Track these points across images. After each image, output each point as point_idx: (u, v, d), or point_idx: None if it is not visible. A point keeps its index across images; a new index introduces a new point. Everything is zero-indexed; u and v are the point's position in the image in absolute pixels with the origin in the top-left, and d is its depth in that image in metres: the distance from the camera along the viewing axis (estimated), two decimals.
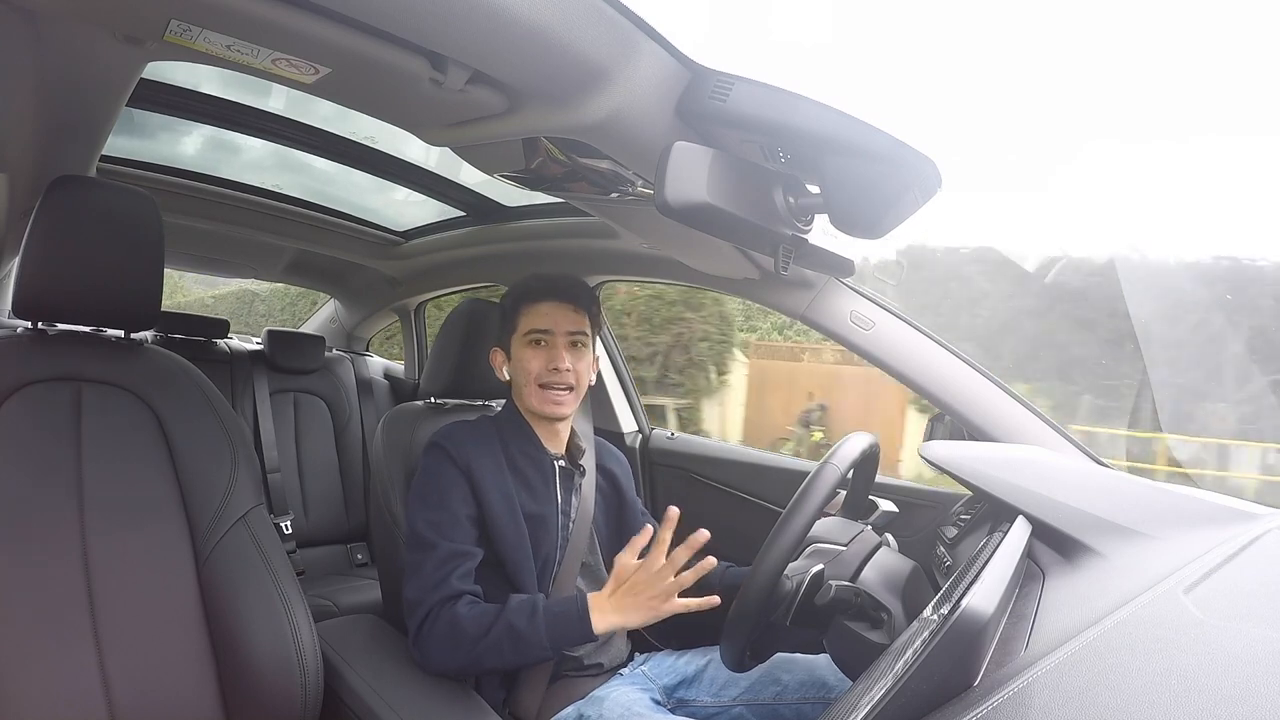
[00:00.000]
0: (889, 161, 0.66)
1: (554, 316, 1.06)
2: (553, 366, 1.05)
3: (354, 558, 2.10)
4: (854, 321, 1.18)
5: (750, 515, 1.50)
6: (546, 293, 1.08)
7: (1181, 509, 0.82)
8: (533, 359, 1.06)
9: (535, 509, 1.04)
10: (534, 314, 1.07)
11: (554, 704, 0.99)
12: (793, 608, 0.81)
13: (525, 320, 1.08)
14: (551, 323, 1.06)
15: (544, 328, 1.06)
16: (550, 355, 1.06)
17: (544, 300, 1.07)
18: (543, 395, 1.06)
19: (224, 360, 2.06)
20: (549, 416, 1.07)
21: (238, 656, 0.88)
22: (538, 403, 1.06)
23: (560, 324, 1.06)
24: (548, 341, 1.06)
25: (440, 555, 0.95)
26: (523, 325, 1.08)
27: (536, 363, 1.06)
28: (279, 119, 1.35)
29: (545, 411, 1.06)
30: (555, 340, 1.06)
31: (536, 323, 1.07)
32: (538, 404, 1.06)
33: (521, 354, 1.07)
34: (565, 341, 1.06)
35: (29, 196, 1.10)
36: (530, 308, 1.08)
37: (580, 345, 1.08)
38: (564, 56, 0.63)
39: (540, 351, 1.06)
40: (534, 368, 1.05)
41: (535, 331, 1.06)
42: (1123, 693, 0.43)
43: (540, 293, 1.08)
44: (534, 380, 1.05)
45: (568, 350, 1.06)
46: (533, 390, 1.06)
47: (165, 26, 0.62)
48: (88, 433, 0.89)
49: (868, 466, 1.00)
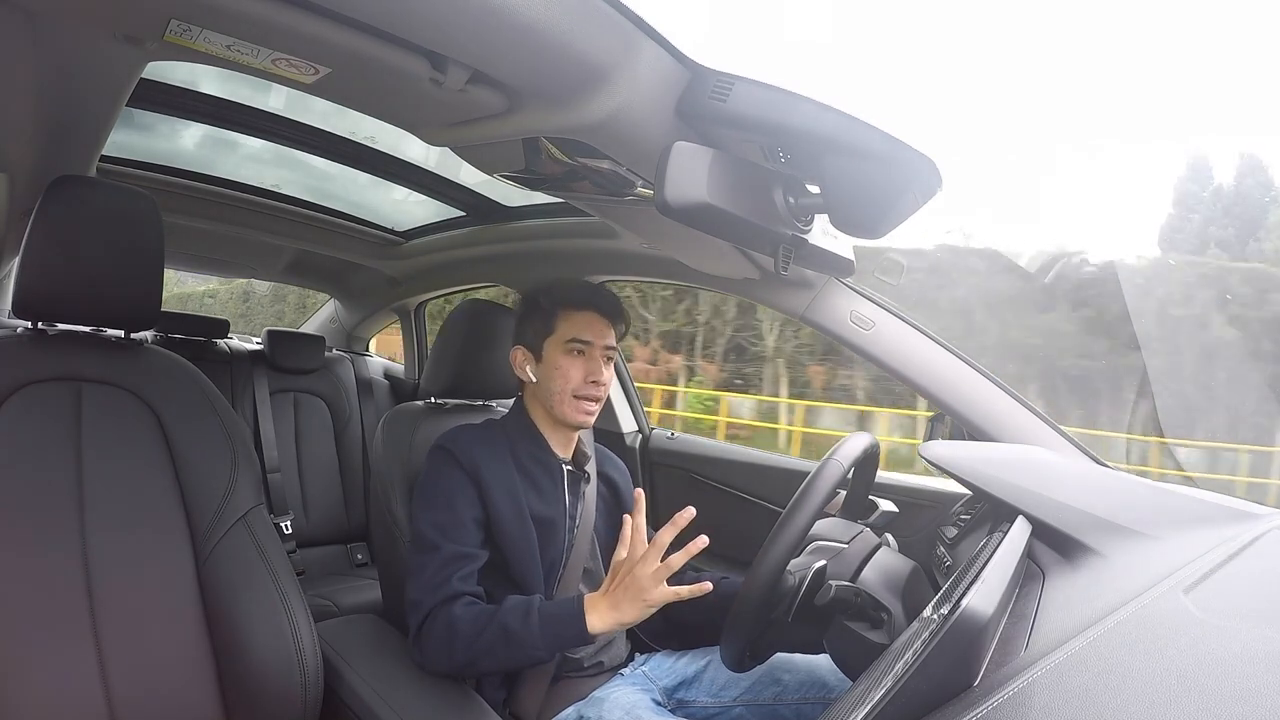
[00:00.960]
0: (889, 161, 0.65)
1: (597, 328, 1.06)
2: (593, 379, 1.05)
3: (354, 558, 2.10)
4: (854, 321, 1.19)
5: (750, 515, 1.50)
6: (590, 302, 1.07)
7: (1181, 509, 0.82)
8: (573, 368, 1.05)
9: (544, 512, 1.04)
10: (577, 322, 1.06)
11: (554, 704, 0.99)
12: (795, 604, 0.81)
13: (567, 326, 1.06)
14: (594, 334, 1.06)
15: (587, 338, 1.05)
16: (590, 367, 1.05)
17: (587, 309, 1.07)
18: (577, 405, 1.05)
19: (224, 360, 2.06)
20: (578, 426, 1.08)
21: (238, 656, 0.88)
22: (571, 411, 1.05)
23: (601, 336, 1.06)
24: (588, 352, 1.06)
25: (443, 557, 0.94)
26: (564, 331, 1.06)
27: (577, 372, 1.05)
28: (279, 119, 1.35)
29: (576, 421, 1.06)
30: (595, 352, 1.06)
31: (581, 331, 1.05)
32: (570, 413, 1.05)
33: (560, 360, 1.05)
34: (603, 355, 1.07)
35: (29, 196, 1.10)
36: (573, 314, 1.06)
37: (610, 360, 1.09)
38: (564, 56, 0.63)
39: (580, 361, 1.05)
40: (574, 376, 1.04)
41: (578, 341, 1.05)
42: (1123, 693, 0.43)
43: (584, 301, 1.07)
44: (571, 389, 1.05)
45: (604, 364, 1.07)
46: (566, 398, 1.05)
47: (165, 26, 0.62)
48: (88, 433, 0.89)
49: (868, 466, 1.00)
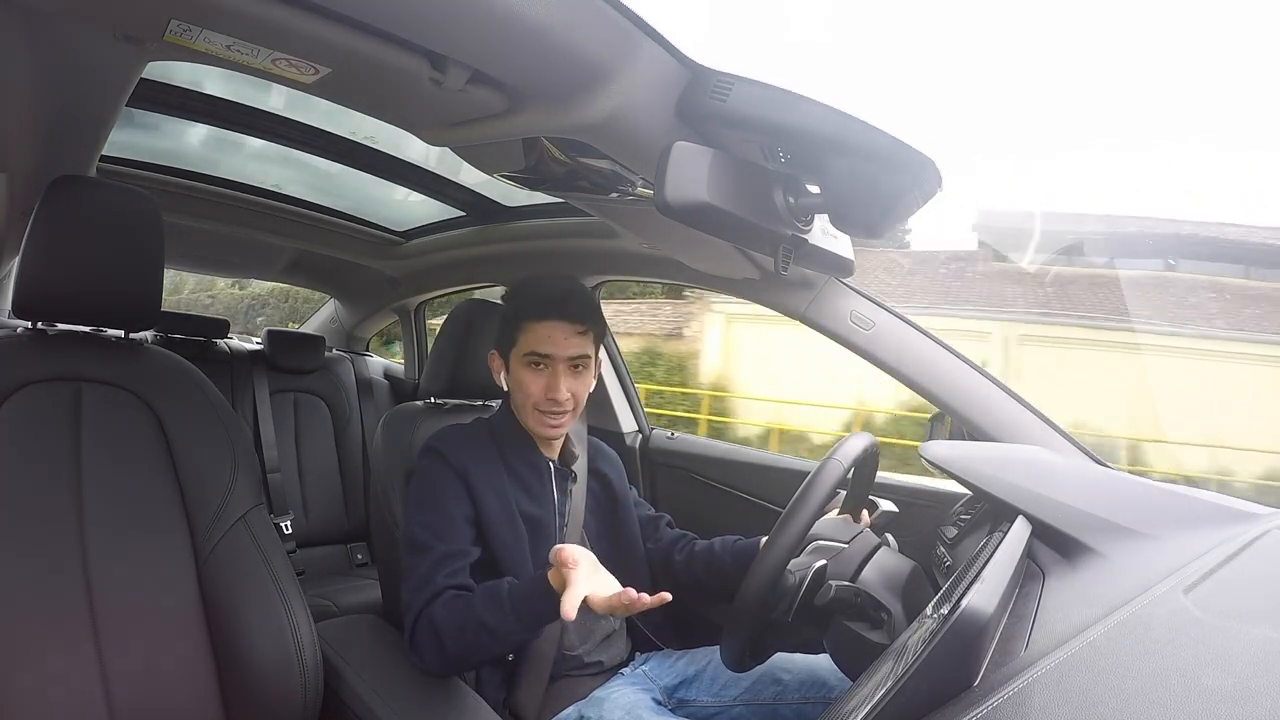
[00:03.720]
0: (889, 161, 0.65)
1: (556, 339, 1.00)
2: (550, 396, 1.00)
3: (354, 558, 2.10)
4: (854, 321, 1.18)
5: (751, 515, 1.50)
6: (550, 310, 1.01)
7: (1181, 509, 0.82)
8: (531, 382, 1.01)
9: (533, 511, 1.04)
10: (535, 334, 1.01)
11: (554, 704, 0.99)
12: (795, 604, 0.81)
13: (526, 339, 1.02)
14: (553, 346, 1.00)
15: (545, 351, 1.00)
16: (549, 382, 1.01)
17: (547, 319, 1.00)
18: (539, 418, 1.03)
19: (224, 360, 2.05)
20: (544, 438, 1.07)
21: (237, 657, 0.88)
22: (534, 424, 1.04)
23: (562, 348, 1.00)
24: (549, 366, 1.01)
25: (434, 557, 0.94)
26: (523, 343, 1.02)
27: (535, 387, 1.01)
28: (279, 118, 1.35)
29: (540, 433, 1.06)
30: (555, 366, 1.01)
31: (538, 345, 1.00)
32: (534, 425, 1.04)
33: (520, 374, 1.03)
34: (566, 366, 1.01)
35: (29, 196, 1.10)
36: (532, 326, 1.01)
37: (581, 368, 1.03)
38: (564, 56, 0.63)
39: (540, 375, 1.01)
40: (533, 391, 1.01)
41: (535, 354, 1.01)
42: (1123, 693, 0.43)
43: (543, 309, 1.01)
44: (531, 403, 1.03)
45: (567, 374, 1.01)
46: (529, 410, 1.03)
47: (165, 26, 0.62)
48: (87, 433, 0.89)
49: (868, 466, 1.00)
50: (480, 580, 0.97)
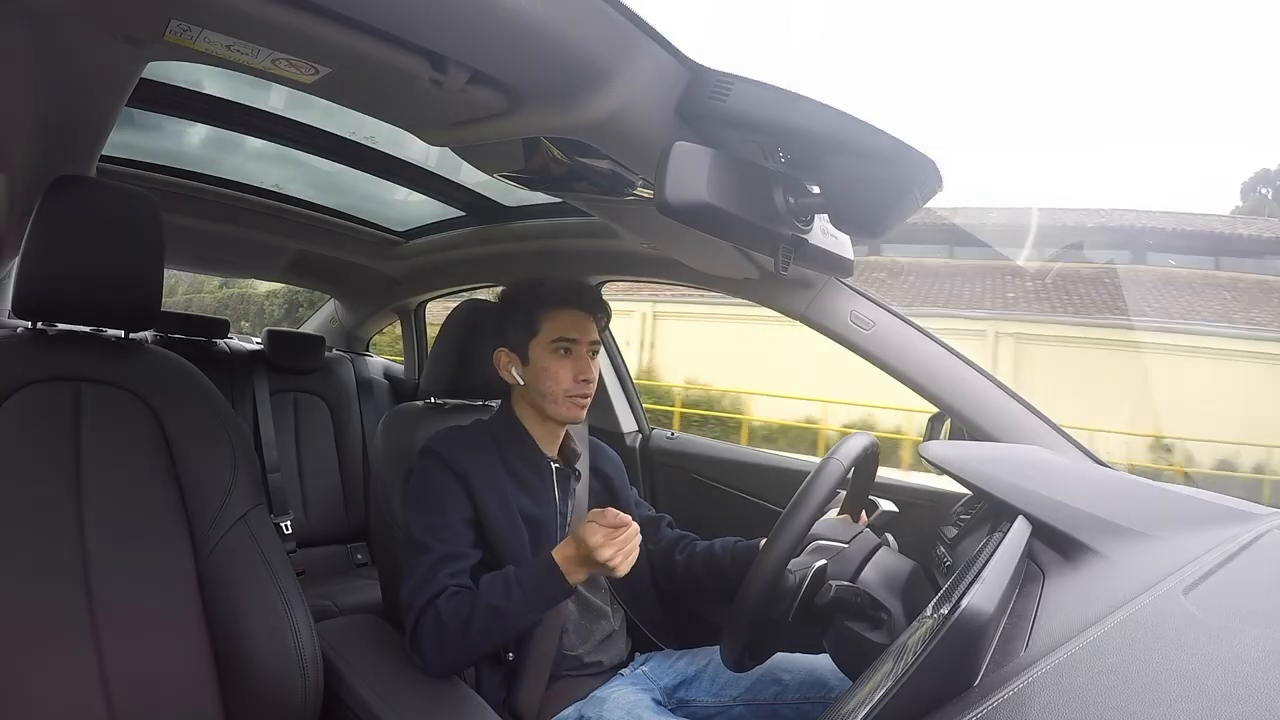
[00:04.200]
0: (889, 161, 0.65)
1: (580, 325, 1.06)
2: (583, 378, 1.05)
3: (354, 558, 2.10)
4: (854, 321, 1.18)
5: (750, 515, 1.50)
6: (572, 300, 1.07)
7: (1181, 509, 0.82)
8: (561, 368, 1.05)
9: (534, 511, 1.04)
10: (561, 321, 1.05)
11: (554, 704, 0.99)
12: (795, 604, 0.81)
13: (551, 326, 1.05)
14: (579, 331, 1.05)
15: (573, 336, 1.05)
16: (579, 365, 1.05)
17: (569, 307, 1.06)
18: (570, 403, 1.06)
19: (224, 360, 2.05)
20: (573, 422, 1.09)
21: (237, 656, 0.88)
22: (565, 410, 1.06)
23: (585, 332, 1.06)
24: (575, 351, 1.05)
25: (433, 558, 0.95)
26: (548, 331, 1.05)
27: (565, 372, 1.04)
28: (278, 118, 1.35)
29: (570, 418, 1.07)
30: (581, 350, 1.06)
31: (565, 330, 1.05)
32: (564, 411, 1.06)
33: (547, 362, 1.05)
34: (589, 350, 1.07)
35: (29, 196, 1.10)
36: (556, 314, 1.06)
37: (595, 354, 1.09)
38: (564, 56, 0.63)
39: (568, 361, 1.05)
40: (564, 377, 1.04)
41: (564, 340, 1.05)
42: (1123, 693, 0.43)
43: (565, 299, 1.06)
44: (563, 390, 1.05)
45: (591, 359, 1.07)
46: (559, 398, 1.05)
47: (165, 26, 0.62)
48: (87, 433, 0.89)
49: (868, 466, 1.00)
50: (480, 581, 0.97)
